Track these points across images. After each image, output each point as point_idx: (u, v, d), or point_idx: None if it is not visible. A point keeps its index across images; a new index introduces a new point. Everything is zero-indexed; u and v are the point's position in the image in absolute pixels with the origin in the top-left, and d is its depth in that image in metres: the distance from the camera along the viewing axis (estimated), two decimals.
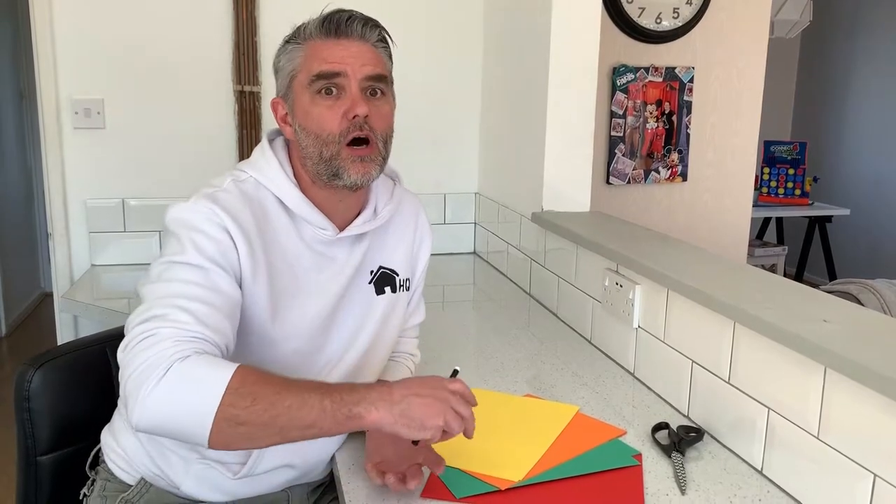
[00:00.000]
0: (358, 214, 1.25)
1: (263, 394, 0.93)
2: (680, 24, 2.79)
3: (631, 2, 2.72)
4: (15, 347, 4.29)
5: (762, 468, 1.22)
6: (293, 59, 1.17)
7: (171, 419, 0.93)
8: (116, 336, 1.40)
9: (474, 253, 2.76)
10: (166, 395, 0.92)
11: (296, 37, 1.18)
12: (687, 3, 2.78)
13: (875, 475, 1.00)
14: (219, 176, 1.19)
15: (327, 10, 1.17)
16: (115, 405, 1.30)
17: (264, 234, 1.15)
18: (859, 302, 2.49)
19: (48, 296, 4.69)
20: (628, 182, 2.87)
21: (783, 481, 1.17)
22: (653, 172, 2.89)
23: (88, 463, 1.31)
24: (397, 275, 1.32)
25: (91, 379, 1.36)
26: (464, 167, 2.73)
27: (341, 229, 1.22)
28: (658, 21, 2.77)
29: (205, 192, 1.13)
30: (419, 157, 2.66)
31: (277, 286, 1.15)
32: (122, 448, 1.24)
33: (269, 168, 1.19)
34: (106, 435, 1.28)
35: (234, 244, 1.10)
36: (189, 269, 1.05)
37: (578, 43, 2.07)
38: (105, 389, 1.36)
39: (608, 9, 2.70)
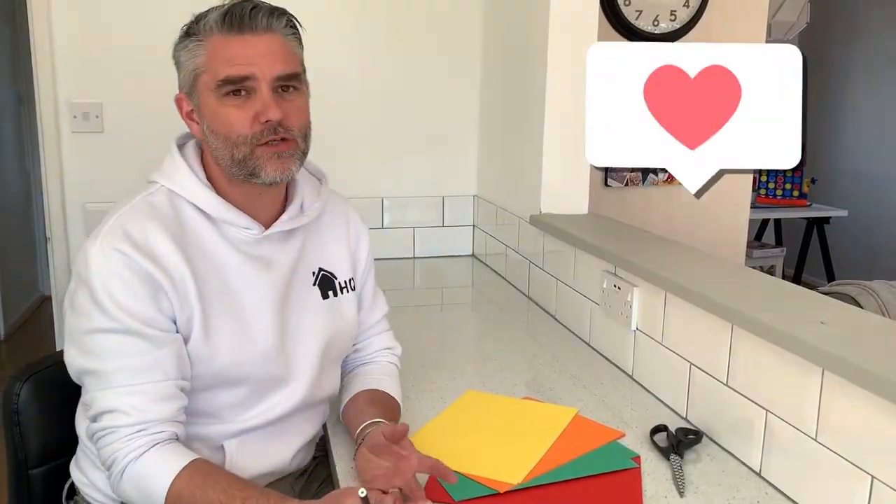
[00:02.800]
0: (282, 211, 1.22)
1: None
2: (677, 26, 2.79)
3: (628, 4, 2.73)
4: (13, 351, 4.29)
5: (760, 470, 1.22)
6: (195, 56, 1.09)
7: None
8: None
9: (473, 255, 2.76)
10: (126, 493, 1.06)
11: (195, 30, 1.10)
12: (684, 5, 2.78)
13: (873, 477, 1.00)
14: (129, 196, 1.14)
15: (230, 2, 1.08)
16: None
17: (186, 248, 1.10)
18: (857, 303, 2.49)
19: (47, 299, 4.69)
20: (626, 184, 2.88)
21: (781, 483, 1.17)
22: (651, 174, 2.89)
23: (64, 494, 1.28)
24: (336, 277, 1.29)
25: (79, 389, 1.33)
26: (462, 170, 2.73)
27: (267, 227, 1.19)
28: (655, 23, 2.77)
29: (113, 223, 1.08)
30: (418, 160, 2.66)
31: (211, 301, 1.12)
32: (91, 482, 1.21)
33: (178, 174, 1.15)
34: (74, 471, 1.25)
35: (160, 284, 1.06)
36: (122, 338, 1.05)
37: (576, 45, 2.07)
38: None
39: (605, 11, 2.70)
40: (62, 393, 1.28)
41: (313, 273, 1.26)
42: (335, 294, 1.28)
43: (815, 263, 4.82)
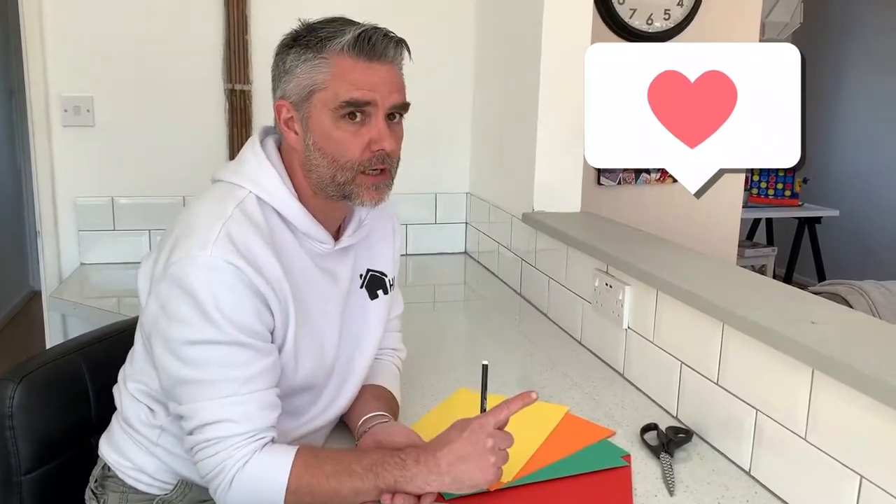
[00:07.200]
0: (342, 223, 1.23)
1: (320, 490, 1.02)
2: (671, 25, 2.80)
3: (622, 3, 2.73)
4: (4, 346, 4.27)
5: (750, 469, 1.22)
6: (316, 71, 1.08)
7: None
8: (92, 341, 1.36)
9: (465, 253, 2.76)
10: (234, 502, 1.02)
11: (318, 45, 1.08)
12: (678, 4, 2.79)
13: (861, 476, 1.01)
14: (219, 199, 1.10)
15: (361, 27, 1.09)
16: (99, 412, 1.26)
17: (281, 260, 1.09)
18: (847, 303, 2.51)
19: (37, 294, 4.66)
20: (619, 183, 2.88)
21: (771, 482, 1.18)
22: (643, 173, 2.90)
23: (94, 479, 1.25)
24: (386, 276, 1.31)
25: (69, 389, 1.30)
26: (455, 167, 2.72)
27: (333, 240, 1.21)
28: (649, 22, 2.78)
29: (216, 231, 1.04)
30: (410, 157, 2.61)
31: (300, 313, 1.12)
32: (138, 466, 1.20)
33: (266, 179, 1.12)
34: (109, 452, 1.22)
35: (267, 298, 1.06)
36: (228, 349, 1.03)
37: (569, 43, 2.07)
38: (81, 397, 1.31)
39: (599, 10, 2.70)
40: (52, 394, 1.26)
41: (360, 276, 1.27)
42: (385, 293, 1.30)
43: (807, 263, 4.84)
